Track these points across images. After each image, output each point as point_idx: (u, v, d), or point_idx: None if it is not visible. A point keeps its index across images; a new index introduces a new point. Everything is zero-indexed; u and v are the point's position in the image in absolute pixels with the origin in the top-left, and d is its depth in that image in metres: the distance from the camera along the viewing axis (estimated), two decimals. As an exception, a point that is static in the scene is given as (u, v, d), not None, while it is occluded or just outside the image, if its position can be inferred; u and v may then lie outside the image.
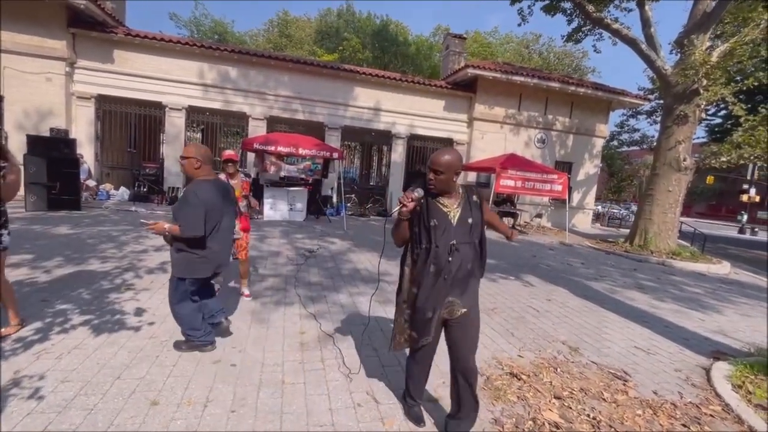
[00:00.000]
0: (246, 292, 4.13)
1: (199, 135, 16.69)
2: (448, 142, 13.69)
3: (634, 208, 19.11)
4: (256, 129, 11.71)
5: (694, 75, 8.74)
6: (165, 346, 2.92)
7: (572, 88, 13.19)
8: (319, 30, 27.13)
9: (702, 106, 9.41)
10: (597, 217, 19.73)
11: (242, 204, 3.95)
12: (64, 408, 2.13)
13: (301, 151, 9.57)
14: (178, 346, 2.89)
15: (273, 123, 12.54)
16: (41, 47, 9.60)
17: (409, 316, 2.12)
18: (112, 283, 4.18)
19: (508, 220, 13.05)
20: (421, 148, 13.75)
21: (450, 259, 1.96)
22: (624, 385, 2.97)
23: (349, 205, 12.50)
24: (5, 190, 2.75)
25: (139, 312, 3.50)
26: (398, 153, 13.28)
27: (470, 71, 12.28)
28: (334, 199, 11.92)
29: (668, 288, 6.51)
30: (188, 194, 2.59)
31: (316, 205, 10.84)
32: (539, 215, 13.18)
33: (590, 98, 13.78)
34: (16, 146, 8.99)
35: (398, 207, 1.96)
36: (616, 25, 10.25)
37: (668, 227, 9.68)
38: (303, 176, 11.34)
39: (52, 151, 8.12)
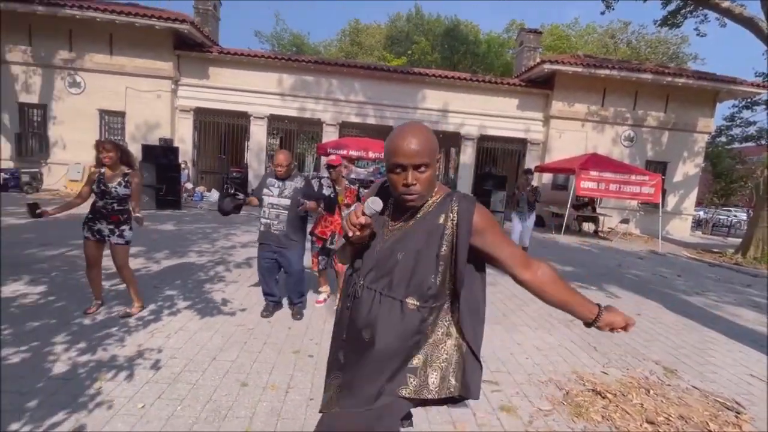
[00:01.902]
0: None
1: (277, 141, 18.00)
2: (521, 142, 13.07)
3: (746, 214, 16.46)
4: (329, 134, 12.30)
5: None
6: (251, 334, 3.21)
7: (668, 78, 11.77)
8: (389, 35, 27.63)
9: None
10: (698, 224, 17.38)
11: (345, 212, 3.71)
12: (173, 381, 2.45)
13: (370, 155, 9.85)
14: (300, 313, 3.66)
15: (344, 128, 13.06)
16: (153, 69, 11.12)
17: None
18: (206, 275, 4.69)
19: (588, 225, 12.07)
20: (491, 149, 13.31)
21: (348, 304, 1.23)
22: (737, 417, 2.58)
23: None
24: (134, 193, 3.26)
25: (229, 302, 3.89)
26: (467, 155, 13.00)
27: (547, 67, 11.59)
28: (402, 202, 12.03)
29: (794, 309, 5.51)
30: (311, 182, 3.62)
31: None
32: (625, 220, 11.96)
33: (690, 89, 12.18)
34: (134, 155, 10.50)
35: (341, 240, 1.21)
36: (726, 3, 8.96)
37: (794, 237, 8.19)
38: (372, 179, 11.65)
39: (160, 158, 9.36)
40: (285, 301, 3.88)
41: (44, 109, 11.10)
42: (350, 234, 1.12)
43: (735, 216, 19.83)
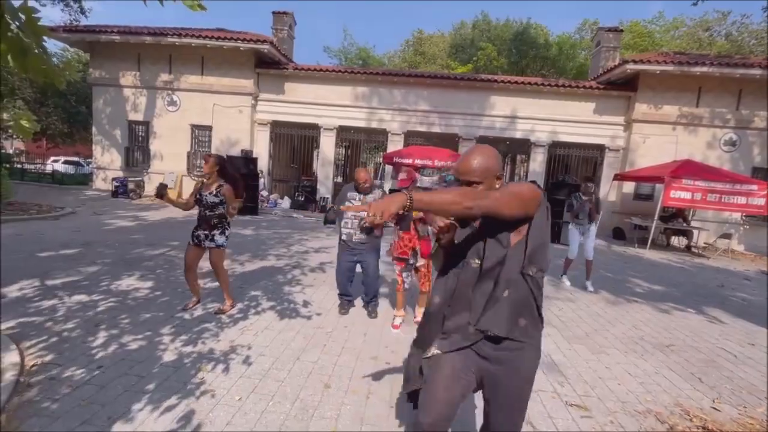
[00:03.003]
0: (420, 318, 3.74)
1: (343, 151, 18.68)
2: (597, 149, 12.16)
3: None
4: (395, 143, 12.48)
5: None
6: (330, 337, 3.33)
7: (783, 73, 10.22)
8: (452, 44, 27.48)
9: None
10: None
11: (420, 227, 3.53)
12: (263, 377, 2.62)
13: (436, 163, 9.80)
14: (375, 311, 3.94)
15: (410, 137, 13.17)
16: (236, 86, 12.19)
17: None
18: (285, 278, 4.98)
19: (678, 240, 10.82)
20: (565, 156, 12.55)
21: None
22: None
23: None
24: (231, 206, 3.59)
25: (307, 304, 4.09)
26: (537, 162, 12.38)
27: (630, 67, 10.68)
28: (467, 210, 11.78)
29: None
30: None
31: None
32: (727, 235, 10.51)
33: (812, 84, 10.44)
34: (218, 164, 11.57)
35: (434, 243, 1.58)
36: None
37: None
38: (436, 187, 11.57)
39: (242, 168, 10.18)
40: (358, 303, 3.99)
41: (147, 126, 12.69)
42: (441, 234, 1.46)
43: None
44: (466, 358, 1.42)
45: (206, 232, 3.57)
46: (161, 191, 3.26)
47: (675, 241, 10.90)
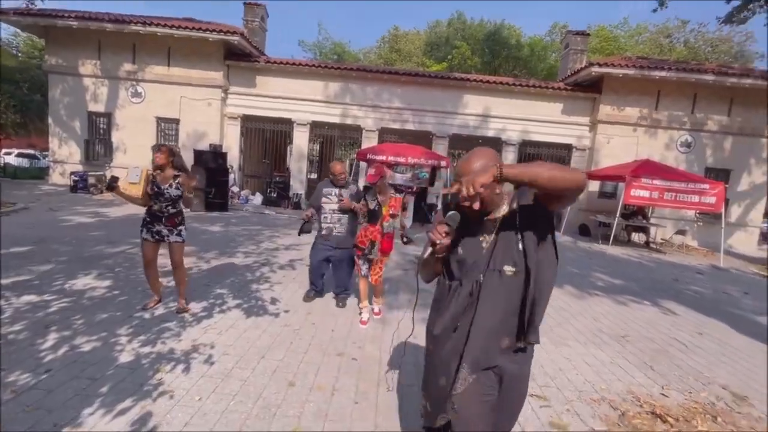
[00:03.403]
0: (377, 309, 3.87)
1: (317, 147, 18.46)
2: (566, 148, 12.57)
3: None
4: (369, 139, 12.45)
5: None
6: (297, 335, 3.29)
7: (732, 80, 10.90)
8: (428, 42, 27.64)
9: None
10: (766, 237, 15.84)
11: (387, 223, 3.59)
12: (225, 376, 2.56)
13: (409, 160, 9.86)
14: (344, 302, 4.04)
15: (384, 133, 13.16)
16: (205, 78, 11.79)
17: (424, 378, 1.54)
18: (253, 275, 4.88)
19: (638, 236, 11.38)
20: (535, 155, 12.89)
21: (471, 302, 1.36)
22: (821, 453, 2.32)
23: (433, 214, 12.37)
24: (188, 198, 3.48)
25: (275, 301, 4.02)
26: (509, 160, 12.66)
27: (595, 70, 11.09)
28: (439, 207, 11.92)
29: None
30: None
31: (422, 213, 10.99)
32: (682, 232, 11.13)
33: (758, 90, 11.17)
34: (186, 159, 11.17)
35: (428, 248, 1.40)
36: (802, -2, 8.19)
37: None
38: (410, 184, 11.64)
39: (210, 163, 9.88)
40: (326, 300, 3.98)
41: (109, 117, 12.07)
42: (437, 240, 1.31)
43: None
44: (492, 374, 1.37)
45: (170, 227, 3.44)
46: (112, 183, 3.12)
47: (635, 237, 11.44)
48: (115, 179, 3.19)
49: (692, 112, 11.71)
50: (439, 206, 1.48)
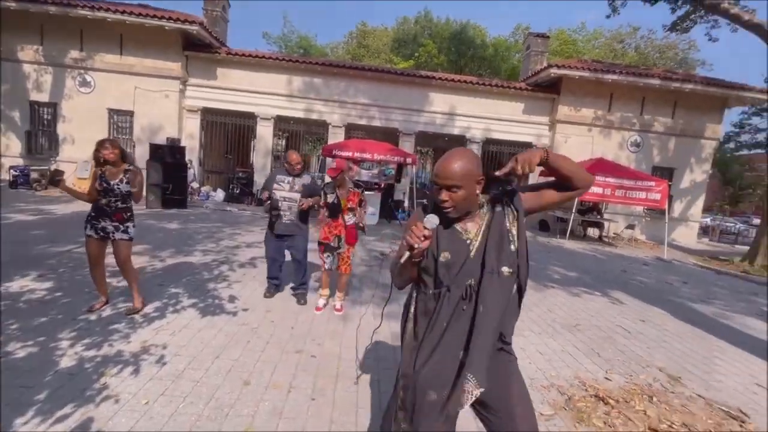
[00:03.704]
0: (338, 306, 3.89)
1: (283, 142, 18.07)
2: (527, 146, 13.03)
3: (756, 221, 16.29)
4: (335, 135, 12.35)
5: None
6: (255, 333, 3.22)
7: (676, 84, 11.71)
8: (396, 38, 27.72)
9: None
10: (705, 231, 17.21)
11: (347, 216, 3.74)
12: (177, 378, 2.47)
13: (375, 156, 9.87)
14: (303, 298, 4.01)
15: (350, 130, 13.09)
16: (162, 69, 11.23)
17: (402, 400, 1.40)
18: (211, 274, 4.72)
19: (593, 231, 12.01)
20: (497, 153, 13.28)
21: (464, 307, 1.31)
22: (741, 426, 2.56)
23: (405, 215, 12.56)
24: (138, 192, 3.30)
25: (232, 301, 3.91)
26: (473, 158, 12.96)
27: (554, 71, 11.57)
28: (406, 204, 12.04)
29: (802, 318, 5.44)
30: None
31: (388, 209, 11.05)
32: (631, 226, 11.88)
33: (698, 95, 12.09)
34: (141, 153, 10.64)
35: (405, 253, 1.28)
36: (735, 9, 8.90)
37: (803, 246, 8.09)
38: (376, 181, 11.68)
39: (167, 158, 9.44)
40: (288, 298, 3.93)
41: (54, 108, 11.24)
42: (415, 244, 1.24)
43: (745, 223, 19.54)
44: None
45: (116, 224, 3.26)
46: (55, 178, 2.91)
47: (590, 232, 12.08)
48: (58, 173, 2.96)
49: (641, 114, 12.48)
50: (407, 203, 1.49)
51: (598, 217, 11.68)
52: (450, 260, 1.32)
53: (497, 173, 1.32)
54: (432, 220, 1.27)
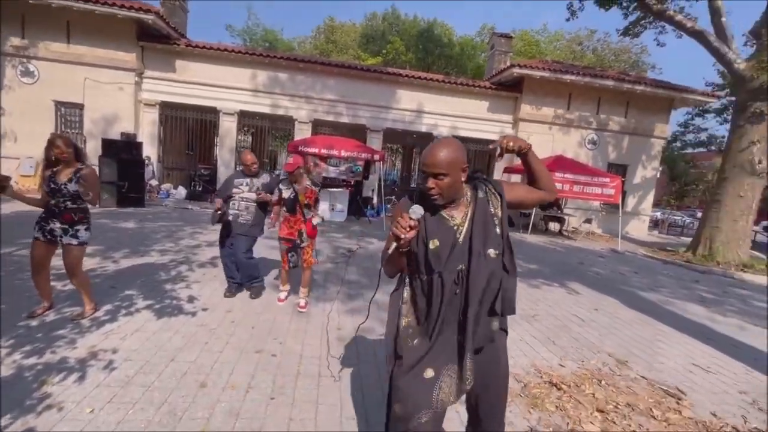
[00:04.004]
0: (302, 303, 3.86)
1: (249, 138, 17.60)
2: (491, 144, 13.36)
3: (699, 215, 17.54)
4: (302, 131, 12.16)
5: (772, 68, 7.90)
6: (213, 334, 3.13)
7: (628, 86, 12.39)
8: (364, 34, 27.60)
9: (781, 103, 8.48)
10: (655, 224, 18.35)
11: (305, 211, 3.78)
12: (126, 384, 2.36)
13: (342, 153, 9.81)
14: (257, 293, 4.04)
15: (317, 126, 12.94)
16: (115, 59, 10.62)
17: (396, 379, 1.45)
18: (168, 274, 4.54)
19: (554, 225, 12.53)
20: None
21: (457, 291, 1.37)
22: (678, 403, 2.76)
23: (389, 206, 12.60)
24: (93, 193, 3.10)
25: (192, 301, 3.78)
26: (440, 155, 13.15)
27: (516, 71, 11.93)
28: (375, 201, 12.06)
29: (734, 302, 5.94)
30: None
31: (357, 206, 11.03)
32: (588, 220, 12.49)
33: (648, 96, 12.87)
34: (93, 149, 10.02)
35: (392, 244, 1.34)
36: (679, 17, 9.53)
37: (738, 236, 8.82)
38: (344, 177, 11.62)
39: (122, 154, 8.95)
40: (248, 299, 3.89)
41: (-7, 99, 10.37)
42: (401, 235, 1.29)
43: (690, 217, 21.03)
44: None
45: (66, 227, 3.05)
46: (2, 184, 2.65)
47: (551, 226, 12.59)
48: (5, 179, 2.70)
49: (597, 113, 13.11)
50: (375, 200, 1.51)
51: (559, 212, 12.20)
52: (439, 247, 1.37)
53: (492, 146, 1.48)
54: (417, 211, 1.32)
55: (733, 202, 8.80)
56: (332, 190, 10.41)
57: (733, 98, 11.81)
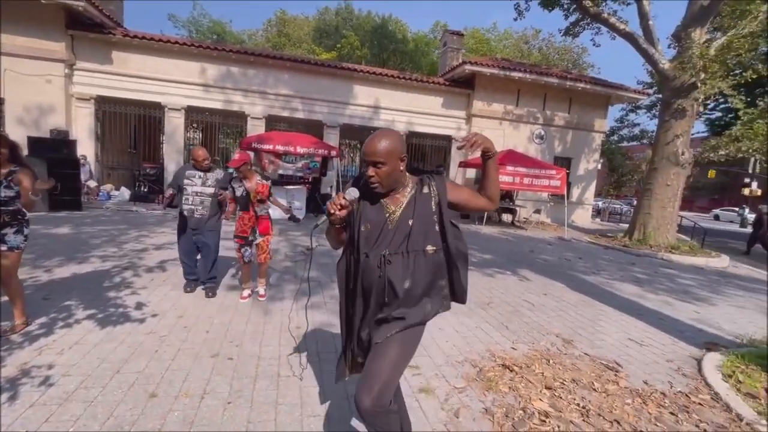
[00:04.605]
0: (262, 292, 4.06)
1: (199, 135, 16.75)
2: (446, 139, 13.71)
3: (635, 203, 19.12)
4: (255, 128, 11.76)
5: (692, 69, 8.75)
6: (164, 341, 2.98)
7: (570, 83, 13.19)
8: (317, 28, 27.13)
9: (700, 100, 9.42)
10: (597, 212, 19.76)
11: (257, 208, 3.81)
12: (65, 400, 2.19)
13: (298, 150, 9.63)
14: (213, 292, 3.98)
15: (272, 122, 12.58)
16: (40, 49, 9.66)
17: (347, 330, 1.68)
18: (111, 282, 4.24)
19: (507, 216, 13.11)
20: (420, 146, 13.79)
21: (380, 274, 1.48)
22: (615, 375, 3.02)
23: None
24: (31, 196, 2.84)
25: (138, 308, 3.57)
26: (397, 150, 13.28)
27: (468, 68, 12.29)
28: (334, 197, 11.96)
29: (663, 281, 6.55)
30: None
31: (315, 204, 10.88)
32: (538, 211, 13.20)
33: (588, 93, 13.78)
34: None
35: (324, 218, 1.53)
36: (612, 20, 10.25)
37: (667, 221, 9.71)
38: (301, 174, 11.41)
39: (53, 152, 8.19)
40: (203, 301, 3.75)
41: None
42: (332, 210, 1.45)
43: (627, 205, 22.88)
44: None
45: None
46: None
47: (504, 217, 13.17)
48: None
49: (543, 109, 13.84)
50: (334, 195, 1.55)
51: (511, 203, 12.77)
52: (369, 231, 1.49)
53: (459, 141, 1.61)
54: (351, 193, 1.45)
55: (661, 190, 9.67)
56: (290, 187, 10.19)
57: (660, 96, 12.94)
